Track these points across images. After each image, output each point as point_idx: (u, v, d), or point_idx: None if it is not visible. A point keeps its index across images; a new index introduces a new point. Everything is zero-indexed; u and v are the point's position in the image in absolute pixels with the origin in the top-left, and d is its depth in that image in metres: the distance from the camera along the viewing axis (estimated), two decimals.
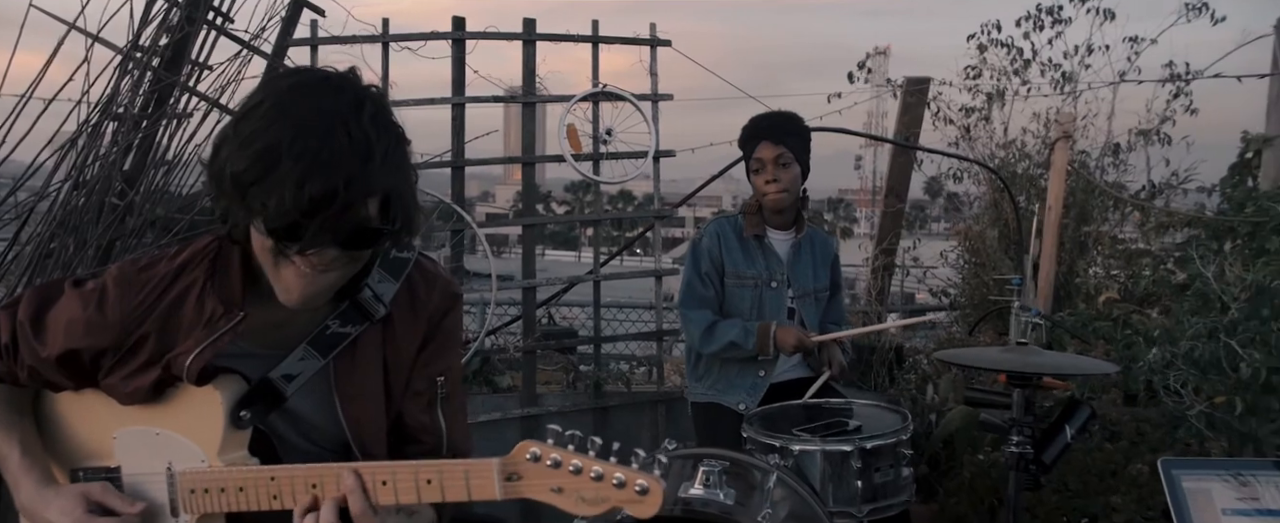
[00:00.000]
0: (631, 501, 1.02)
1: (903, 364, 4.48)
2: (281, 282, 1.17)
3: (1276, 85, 4.20)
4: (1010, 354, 2.38)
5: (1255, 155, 4.45)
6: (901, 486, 2.37)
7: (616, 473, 1.02)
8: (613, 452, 1.04)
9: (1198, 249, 2.88)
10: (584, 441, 1.04)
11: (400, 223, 1.17)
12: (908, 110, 5.19)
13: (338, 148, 1.07)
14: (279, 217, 1.07)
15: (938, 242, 6.90)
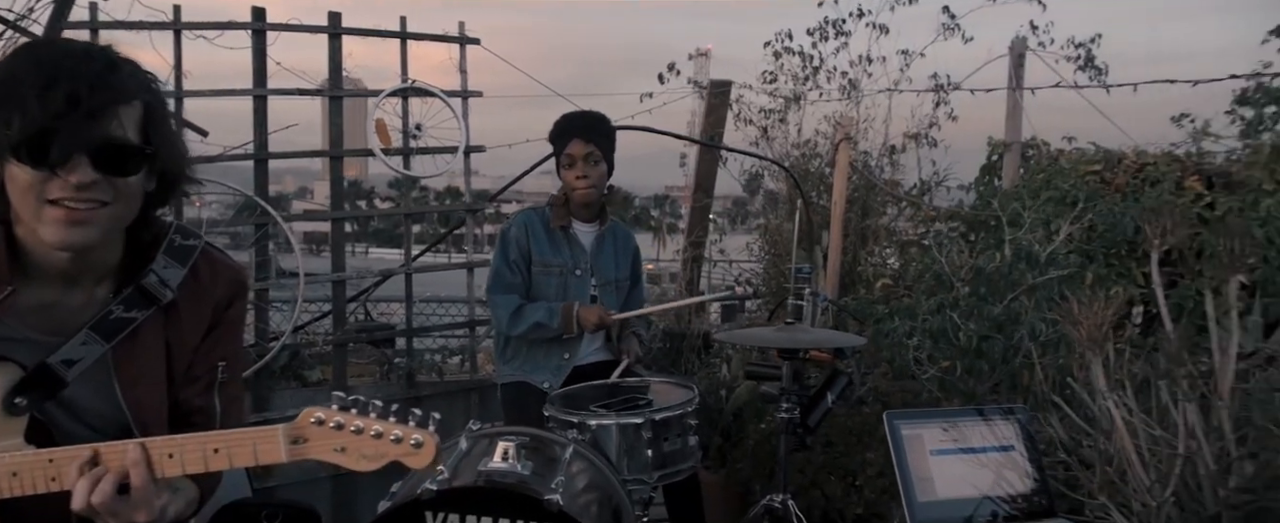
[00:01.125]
0: (408, 454, 1.14)
1: (710, 350, 4.81)
2: (46, 223, 1.17)
3: (1013, 98, 4.87)
4: (779, 333, 2.69)
5: (998, 158, 5.14)
6: (688, 453, 2.62)
7: (394, 431, 1.14)
8: (392, 412, 1.16)
9: (936, 238, 3.33)
10: (366, 404, 1.16)
11: (157, 145, 1.21)
12: (712, 111, 5.56)
13: (79, 59, 1.13)
14: (25, 128, 1.09)
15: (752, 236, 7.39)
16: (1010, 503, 2.19)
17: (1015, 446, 2.24)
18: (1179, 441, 1.95)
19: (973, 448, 2.26)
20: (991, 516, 2.19)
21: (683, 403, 2.61)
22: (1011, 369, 2.64)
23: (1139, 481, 1.99)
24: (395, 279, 3.82)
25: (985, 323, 2.67)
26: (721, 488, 3.24)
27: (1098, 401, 2.12)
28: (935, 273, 2.96)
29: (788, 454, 2.62)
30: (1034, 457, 2.22)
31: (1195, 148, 4.38)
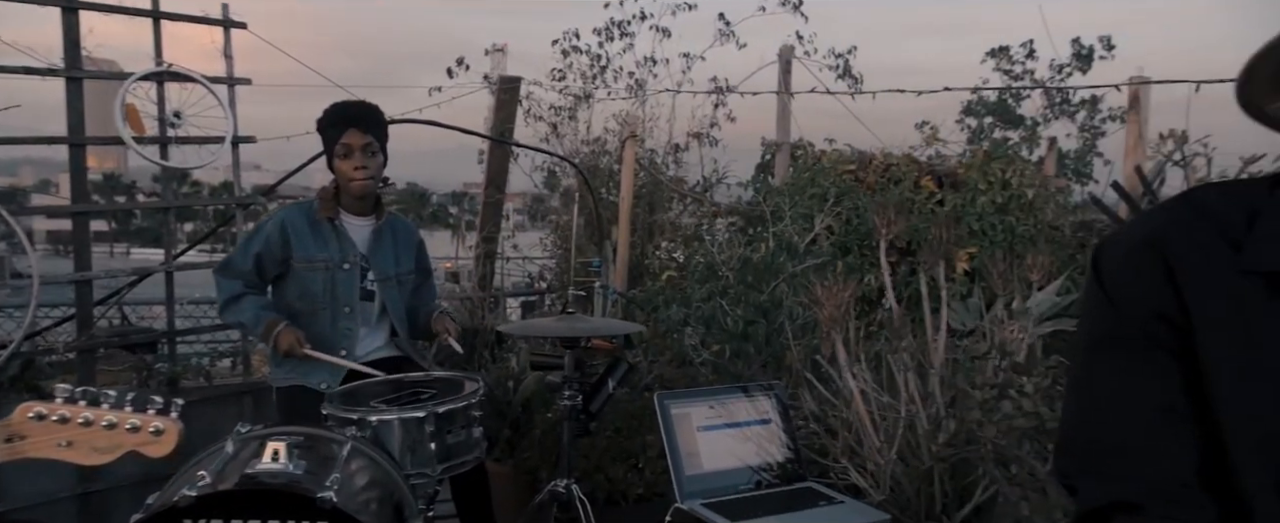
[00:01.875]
0: (147, 442, 1.10)
1: (503, 345, 4.83)
2: None
3: (782, 102, 5.29)
4: (560, 323, 2.77)
5: (771, 157, 5.56)
6: (473, 444, 2.65)
7: (130, 419, 1.09)
8: (128, 401, 1.11)
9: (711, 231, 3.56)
10: (97, 394, 1.10)
11: None
12: (502, 107, 5.57)
13: None
14: None
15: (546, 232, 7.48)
16: (768, 471, 2.41)
17: (773, 419, 2.47)
18: (901, 406, 2.23)
19: (737, 423, 2.46)
20: (755, 484, 2.40)
21: (466, 395, 2.63)
22: (775, 351, 2.88)
23: (872, 443, 2.26)
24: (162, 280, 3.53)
25: (751, 309, 2.90)
26: (510, 478, 3.28)
27: (841, 375, 2.38)
28: (707, 263, 3.17)
29: (572, 441, 2.71)
30: (789, 428, 2.46)
31: (934, 151, 4.98)
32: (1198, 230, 0.82)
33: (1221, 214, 0.82)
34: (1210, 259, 0.80)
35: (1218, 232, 0.81)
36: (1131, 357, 0.83)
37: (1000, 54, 7.55)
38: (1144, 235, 0.85)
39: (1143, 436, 0.81)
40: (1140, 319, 0.82)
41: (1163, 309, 0.81)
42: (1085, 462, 0.85)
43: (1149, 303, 0.82)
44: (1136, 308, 0.83)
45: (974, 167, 4.35)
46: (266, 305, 2.78)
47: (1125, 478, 0.81)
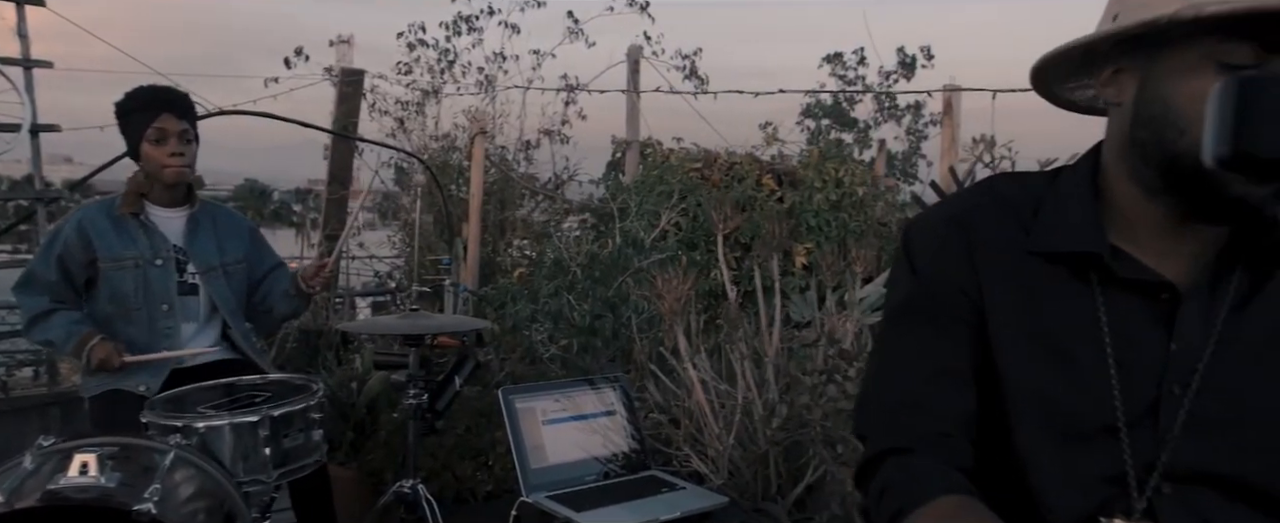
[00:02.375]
0: None
1: (348, 345, 4.66)
2: None
3: (631, 101, 5.38)
4: (404, 321, 2.72)
5: (621, 155, 5.65)
6: (312, 448, 2.55)
7: None
8: None
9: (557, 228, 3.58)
10: None
11: None
12: (345, 100, 5.38)
13: None
14: None
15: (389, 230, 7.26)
16: (614, 462, 2.46)
17: (618, 410, 2.53)
18: (738, 394, 2.34)
19: (583, 415, 2.50)
20: (601, 474, 2.44)
21: (304, 397, 2.53)
22: (621, 344, 2.94)
23: (712, 430, 2.36)
24: None
25: (598, 304, 2.95)
26: (354, 481, 3.19)
27: (683, 366, 2.47)
28: (556, 260, 3.19)
29: (418, 440, 2.67)
30: (634, 419, 2.52)
31: (775, 151, 5.21)
32: (995, 214, 0.92)
33: (1015, 200, 0.92)
34: (1004, 240, 0.90)
35: (1011, 216, 0.91)
36: (925, 324, 0.92)
37: (835, 60, 8.01)
38: (949, 216, 0.95)
39: (922, 393, 0.91)
40: (940, 292, 0.91)
41: (961, 284, 0.90)
42: (875, 416, 0.95)
43: (949, 277, 0.91)
44: (937, 281, 0.92)
45: (810, 166, 4.59)
46: (78, 320, 2.56)
47: (903, 428, 0.91)
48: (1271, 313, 0.85)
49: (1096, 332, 0.86)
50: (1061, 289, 0.88)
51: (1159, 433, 0.84)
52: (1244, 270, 0.85)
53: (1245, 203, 0.76)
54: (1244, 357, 0.84)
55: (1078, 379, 0.86)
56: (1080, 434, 0.86)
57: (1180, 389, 0.84)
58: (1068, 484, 0.86)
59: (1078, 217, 0.88)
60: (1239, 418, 0.84)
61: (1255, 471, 0.83)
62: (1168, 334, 0.85)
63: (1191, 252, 0.86)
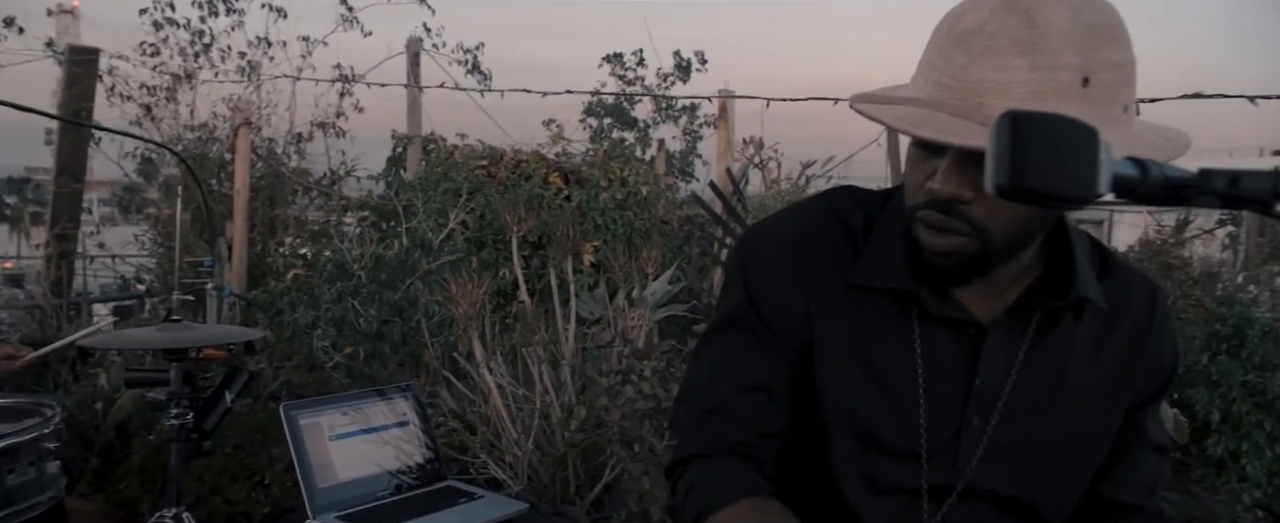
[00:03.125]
0: None
1: (88, 360, 4.12)
2: None
3: (412, 94, 5.19)
4: (162, 333, 2.45)
5: (402, 150, 5.43)
6: (46, 482, 2.24)
7: None
8: None
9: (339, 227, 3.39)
10: None
11: None
12: (76, 82, 4.73)
13: None
14: None
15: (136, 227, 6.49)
16: (408, 474, 2.37)
17: (411, 420, 2.43)
18: (536, 397, 2.34)
19: (373, 428, 2.38)
20: (395, 488, 2.34)
21: (36, 426, 2.22)
22: (411, 350, 2.83)
23: (510, 435, 2.34)
24: None
25: (385, 308, 2.82)
26: (99, 516, 2.83)
27: (478, 371, 2.43)
28: (337, 261, 3.01)
29: (181, 463, 2.41)
30: (428, 428, 2.44)
31: (561, 149, 5.24)
32: (831, 236, 0.95)
33: (851, 221, 0.96)
34: (836, 266, 0.94)
35: (846, 239, 0.95)
36: (748, 339, 0.95)
37: (615, 60, 8.18)
38: (788, 236, 0.96)
39: (732, 404, 0.94)
40: (768, 311, 0.94)
41: (790, 306, 0.93)
42: (687, 417, 0.98)
43: (780, 298, 0.94)
44: (768, 301, 0.94)
45: (597, 165, 4.66)
46: None
47: (708, 435, 0.94)
48: (1059, 351, 0.92)
49: (911, 362, 0.91)
50: (883, 319, 0.92)
51: (958, 459, 0.91)
52: (1042, 311, 0.91)
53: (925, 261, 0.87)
54: (1035, 392, 0.91)
55: (891, 406, 0.91)
56: (887, 453, 0.91)
57: (979, 421, 0.91)
58: (873, 496, 0.92)
59: (898, 254, 0.91)
60: (1024, 446, 0.91)
61: (1029, 492, 0.92)
62: (973, 368, 0.91)
63: (996, 291, 0.91)
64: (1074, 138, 0.56)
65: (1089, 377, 0.93)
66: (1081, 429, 0.93)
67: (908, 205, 0.87)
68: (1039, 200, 0.56)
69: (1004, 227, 0.83)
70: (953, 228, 0.83)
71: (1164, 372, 0.99)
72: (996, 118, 0.56)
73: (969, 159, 0.79)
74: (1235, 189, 0.57)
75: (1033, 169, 0.55)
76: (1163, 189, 0.58)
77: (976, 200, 0.81)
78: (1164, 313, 0.99)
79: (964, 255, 0.84)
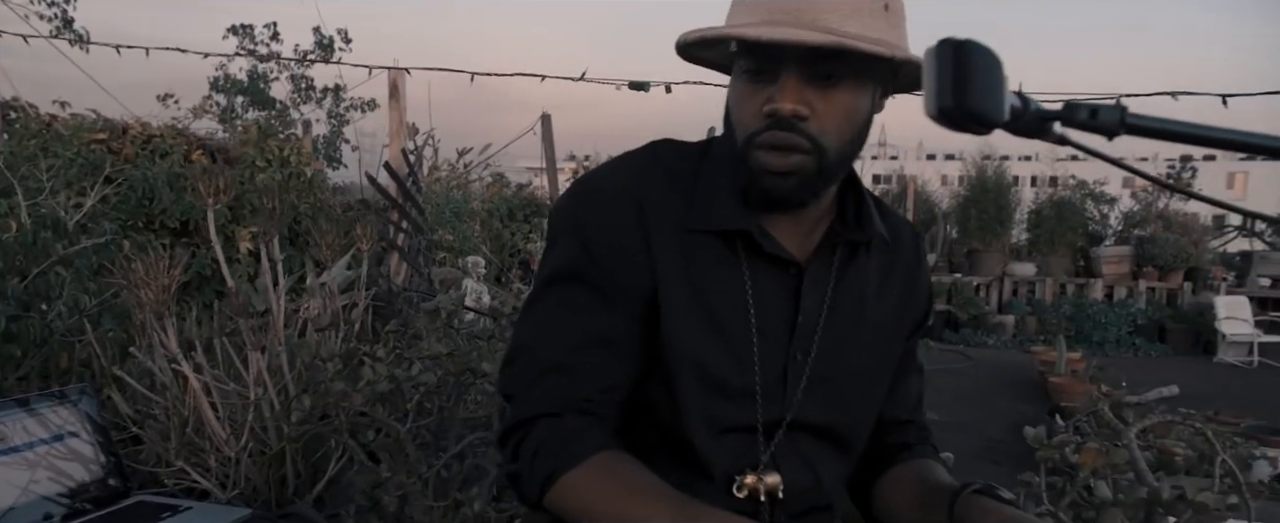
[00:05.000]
0: None
1: None
2: None
3: None
4: None
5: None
6: None
7: None
8: None
9: None
10: None
11: None
12: None
13: None
14: None
15: None
16: (76, 496, 1.95)
17: (78, 431, 2.01)
18: (249, 389, 2.08)
19: (15, 448, 1.93)
20: (65, 515, 1.92)
21: None
22: (51, 351, 2.33)
23: (217, 435, 2.05)
24: None
25: (10, 302, 2.28)
26: None
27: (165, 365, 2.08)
28: None
29: None
30: (102, 440, 2.03)
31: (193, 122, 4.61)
32: (663, 185, 0.95)
33: (678, 172, 0.98)
34: (671, 214, 0.94)
35: (677, 188, 0.96)
36: (588, 292, 0.93)
37: (243, 32, 7.38)
38: (622, 187, 0.95)
39: (574, 360, 0.92)
40: (610, 263, 0.92)
41: (633, 256, 0.93)
42: (522, 377, 0.94)
43: (622, 250, 0.93)
44: (610, 253, 0.93)
45: (250, 143, 4.20)
46: None
47: (552, 393, 0.92)
48: (857, 287, 1.00)
49: (744, 303, 0.94)
50: (718, 262, 0.94)
51: (785, 394, 0.96)
52: (843, 247, 0.99)
53: (763, 187, 0.92)
54: (841, 326, 0.98)
55: (728, 346, 0.94)
56: (727, 394, 0.94)
57: (802, 356, 0.96)
58: (714, 436, 0.94)
59: (727, 196, 0.94)
60: (834, 377, 0.98)
61: (840, 420, 1.00)
62: (796, 306, 0.96)
63: (807, 230, 0.97)
64: (994, 66, 0.59)
65: (880, 309, 1.02)
66: (877, 358, 1.03)
67: (743, 137, 0.91)
68: (971, 124, 0.60)
69: (836, 144, 0.90)
70: (794, 145, 0.88)
71: (926, 304, 1.11)
72: (934, 45, 0.59)
73: (805, 78, 0.87)
74: (1094, 120, 0.62)
75: (972, 93, 0.58)
76: (1037, 119, 0.63)
77: (812, 118, 0.88)
78: (924, 253, 1.13)
79: (803, 175, 0.89)
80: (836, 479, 1.04)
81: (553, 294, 0.95)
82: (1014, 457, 5.04)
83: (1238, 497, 1.43)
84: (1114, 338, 9.20)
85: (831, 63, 0.86)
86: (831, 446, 1.00)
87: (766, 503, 0.95)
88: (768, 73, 0.88)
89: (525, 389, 0.93)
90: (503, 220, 5.95)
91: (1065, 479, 1.45)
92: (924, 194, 11.61)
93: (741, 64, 0.91)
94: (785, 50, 0.86)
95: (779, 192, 0.91)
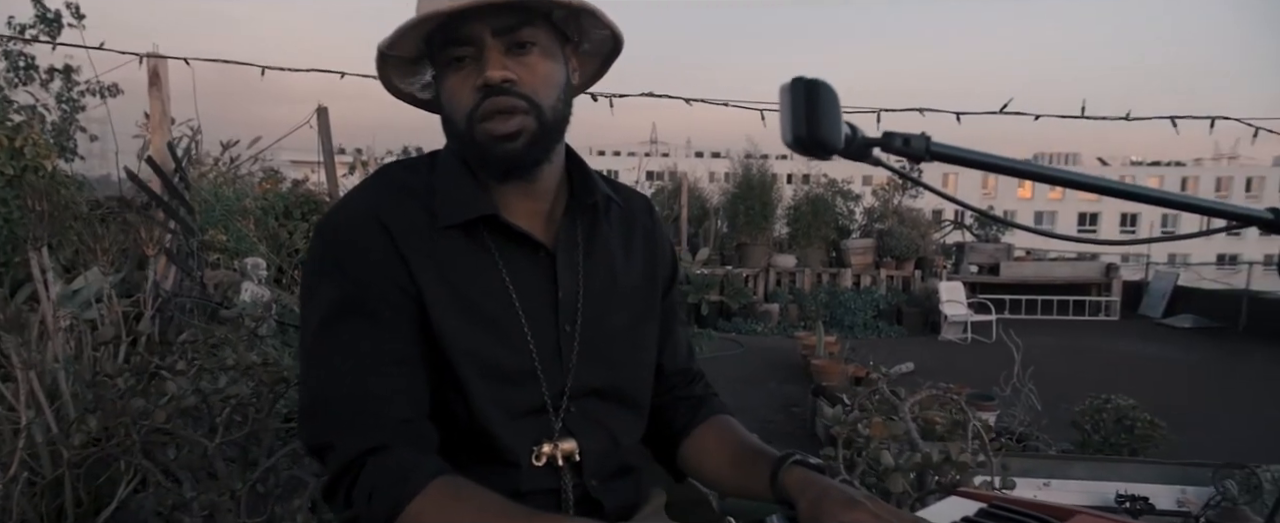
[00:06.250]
0: None
1: None
2: None
3: None
4: None
5: None
6: None
7: None
8: None
9: None
10: None
11: None
12: None
13: None
14: None
15: None
16: None
17: None
18: (20, 413, 1.87)
19: None
20: None
21: None
22: None
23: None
24: None
25: None
26: None
27: None
28: None
29: None
30: None
31: None
32: (403, 203, 0.99)
33: (413, 187, 1.02)
34: (417, 226, 0.98)
35: (416, 202, 1.00)
36: (365, 321, 0.95)
37: None
38: (363, 210, 0.99)
39: (379, 387, 0.94)
40: (376, 287, 0.96)
41: (394, 276, 0.96)
42: (333, 422, 0.94)
43: (382, 273, 0.96)
44: (372, 278, 0.96)
45: None
46: None
47: (369, 427, 0.93)
48: (605, 257, 1.08)
49: (504, 289, 1.00)
50: (471, 258, 0.99)
51: (563, 366, 1.02)
52: (582, 224, 1.07)
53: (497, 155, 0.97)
54: (598, 292, 1.06)
55: (499, 333, 0.99)
56: (510, 378, 0.99)
57: (570, 327, 1.03)
58: (507, 421, 0.99)
59: (466, 191, 1.00)
60: (604, 341, 1.05)
61: (618, 378, 1.07)
62: (554, 284, 1.03)
63: (547, 209, 1.05)
64: (834, 101, 0.67)
65: (630, 272, 1.11)
66: (637, 317, 1.11)
67: (464, 117, 0.97)
68: (818, 150, 0.68)
69: (549, 103, 0.98)
70: (513, 107, 0.96)
71: (672, 262, 1.21)
72: (789, 82, 0.67)
73: (504, 50, 0.95)
74: (907, 147, 0.70)
75: (820, 125, 0.67)
76: (864, 145, 0.70)
77: (522, 80, 0.96)
78: (659, 217, 1.22)
79: (529, 133, 0.97)
80: (632, 437, 1.11)
81: (330, 336, 0.96)
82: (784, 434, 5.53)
83: (984, 455, 1.74)
84: (862, 322, 10.28)
85: (523, 30, 0.96)
86: (619, 405, 1.08)
87: (566, 467, 1.02)
88: (470, 56, 0.96)
89: (339, 435, 0.93)
90: (279, 218, 5.60)
91: (854, 452, 1.68)
92: (696, 190, 12.29)
93: (443, 59, 0.98)
94: (481, 30, 0.94)
95: (512, 155, 0.97)
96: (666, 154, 27.43)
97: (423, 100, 1.09)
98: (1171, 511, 2.94)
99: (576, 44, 1.05)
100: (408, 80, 1.07)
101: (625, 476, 1.10)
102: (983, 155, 0.77)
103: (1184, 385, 7.48)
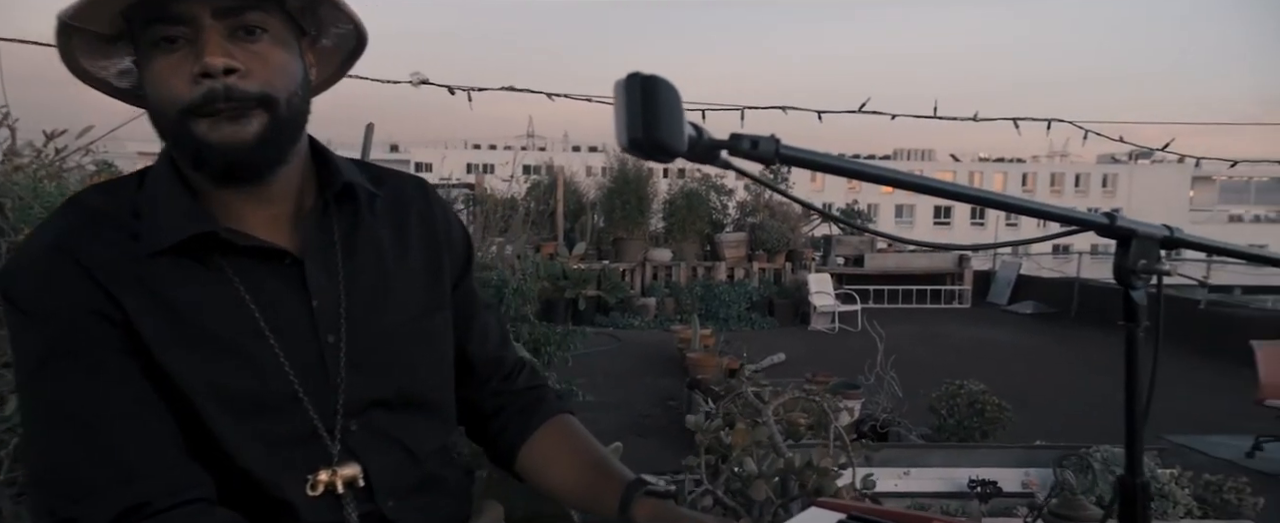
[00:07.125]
0: None
1: None
2: None
3: None
4: None
5: None
6: None
7: None
8: None
9: None
10: None
11: None
12: None
13: None
14: None
15: None
16: None
17: None
18: None
19: None
20: None
21: None
22: None
23: None
24: None
25: None
26: None
27: None
28: None
29: None
30: None
31: None
32: (95, 229, 0.86)
33: (109, 211, 0.88)
34: (117, 253, 0.85)
35: (113, 226, 0.87)
36: (77, 368, 0.83)
37: None
38: (46, 246, 0.85)
39: (120, 437, 0.82)
40: (75, 327, 0.83)
41: (95, 309, 0.83)
42: (77, 487, 0.81)
43: (79, 309, 0.83)
44: (68, 318, 0.83)
45: None
46: None
47: (125, 482, 0.81)
48: (372, 252, 0.96)
49: (244, 310, 0.88)
50: (195, 281, 0.87)
51: (331, 381, 0.90)
52: (339, 222, 0.95)
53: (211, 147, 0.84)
54: (365, 292, 0.94)
55: (242, 360, 0.87)
56: (264, 408, 0.87)
57: (335, 337, 0.91)
58: (270, 454, 0.87)
59: (180, 207, 0.87)
60: (380, 345, 0.94)
61: (406, 384, 0.96)
62: (307, 294, 0.91)
63: (288, 215, 0.93)
64: (675, 99, 0.61)
65: (406, 265, 0.99)
66: (420, 310, 0.99)
67: (177, 111, 0.83)
68: (658, 153, 0.62)
69: (283, 96, 0.86)
70: (244, 107, 0.83)
71: (463, 244, 1.08)
72: (624, 78, 0.61)
73: (227, 34, 0.82)
74: (755, 150, 0.66)
75: (658, 126, 0.60)
76: (709, 148, 0.65)
77: (252, 70, 0.83)
78: (439, 199, 1.08)
79: (266, 136, 0.84)
80: (433, 444, 0.99)
81: (45, 389, 0.83)
82: (658, 429, 5.57)
83: (845, 456, 1.77)
84: (736, 314, 10.51)
85: (250, 14, 0.84)
86: (412, 412, 0.97)
87: (349, 494, 0.90)
88: (184, 38, 0.82)
89: (85, 499, 0.80)
90: None
91: (718, 458, 1.66)
92: (573, 185, 12.21)
93: (147, 38, 0.84)
94: (198, 8, 0.81)
95: (236, 157, 0.84)
96: (543, 148, 27.21)
97: (119, 89, 0.93)
98: (1017, 492, 3.12)
99: (314, 38, 0.94)
100: (99, 62, 0.90)
101: (432, 489, 0.98)
102: (832, 159, 0.73)
103: (1025, 368, 8.04)
